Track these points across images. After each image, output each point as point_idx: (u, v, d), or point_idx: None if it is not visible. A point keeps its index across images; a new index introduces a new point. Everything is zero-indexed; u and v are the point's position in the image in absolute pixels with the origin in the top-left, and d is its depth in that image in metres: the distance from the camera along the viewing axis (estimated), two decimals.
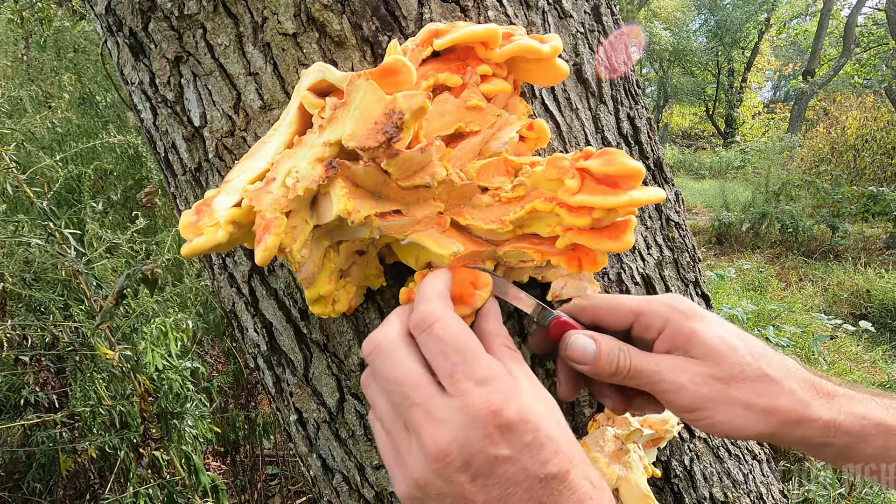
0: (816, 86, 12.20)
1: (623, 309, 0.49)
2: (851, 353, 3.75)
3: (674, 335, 0.47)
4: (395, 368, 0.40)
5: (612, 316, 0.50)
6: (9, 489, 1.59)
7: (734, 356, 0.45)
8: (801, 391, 0.45)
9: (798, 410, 0.44)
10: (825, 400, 0.45)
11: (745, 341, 0.47)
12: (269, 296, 0.62)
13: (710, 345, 0.45)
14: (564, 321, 0.50)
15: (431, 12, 0.55)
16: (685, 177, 13.12)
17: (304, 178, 0.42)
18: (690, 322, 0.47)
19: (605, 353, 0.46)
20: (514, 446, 0.36)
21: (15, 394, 1.44)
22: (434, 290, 0.43)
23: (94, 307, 1.30)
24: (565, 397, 0.52)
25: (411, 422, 0.38)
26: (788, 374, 0.46)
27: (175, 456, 1.40)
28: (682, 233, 0.75)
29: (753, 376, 0.45)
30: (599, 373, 0.47)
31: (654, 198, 0.44)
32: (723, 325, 0.48)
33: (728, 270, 4.00)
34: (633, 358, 0.46)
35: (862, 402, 0.46)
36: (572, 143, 0.63)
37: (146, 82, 0.60)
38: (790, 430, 0.44)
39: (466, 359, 0.38)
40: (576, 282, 0.60)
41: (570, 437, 0.39)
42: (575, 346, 0.48)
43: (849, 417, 0.44)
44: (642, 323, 0.49)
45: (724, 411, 0.44)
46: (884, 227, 6.83)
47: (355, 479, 0.67)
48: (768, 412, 0.44)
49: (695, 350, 0.46)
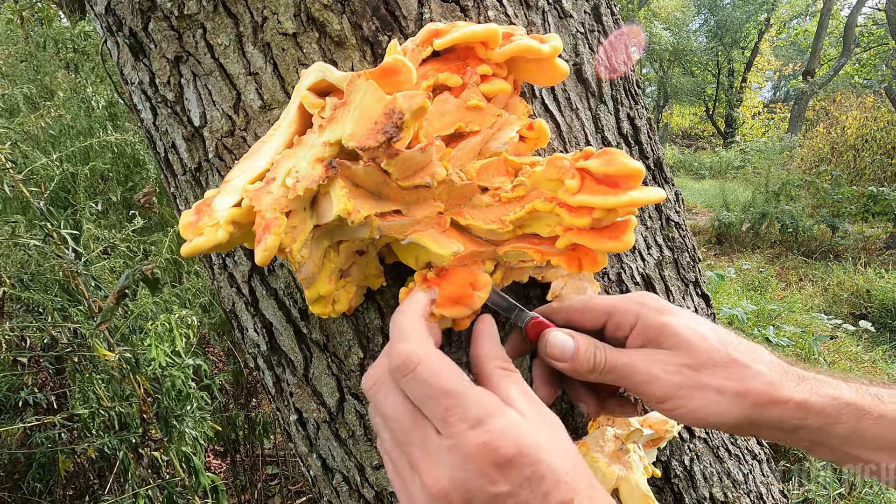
0: (816, 86, 12.20)
1: (595, 309, 0.50)
2: (851, 353, 3.75)
3: (645, 329, 0.48)
4: (393, 405, 0.40)
5: (585, 316, 0.51)
6: (8, 489, 1.59)
7: (704, 344, 0.46)
8: (771, 373, 0.46)
9: (769, 392, 0.45)
10: (796, 382, 0.46)
11: (715, 331, 0.48)
12: (269, 296, 0.62)
13: (680, 335, 0.46)
14: (541, 321, 0.51)
15: (431, 12, 0.55)
16: (685, 177, 13.13)
17: (304, 178, 0.42)
18: (660, 316, 0.48)
19: (583, 349, 0.47)
20: (513, 482, 0.36)
21: (14, 394, 1.44)
22: (410, 323, 0.43)
23: (92, 308, 1.29)
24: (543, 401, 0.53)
25: (411, 460, 0.38)
26: (758, 358, 0.47)
27: (175, 457, 1.40)
28: (682, 233, 0.75)
29: (723, 361, 0.46)
30: (578, 369, 0.47)
31: (654, 198, 0.44)
32: (692, 318, 0.49)
33: (728, 270, 4.00)
34: (608, 353, 0.47)
35: (832, 385, 0.46)
36: (572, 143, 0.63)
37: (146, 82, 0.60)
38: (763, 412, 0.45)
39: (458, 401, 0.37)
40: (576, 282, 0.60)
41: (574, 460, 0.39)
42: (554, 344, 0.48)
43: (820, 398, 0.45)
44: (614, 321, 0.49)
45: (698, 398, 0.45)
46: (884, 227, 6.83)
47: (355, 479, 0.67)
48: (740, 395, 0.45)
49: (666, 341, 0.47)
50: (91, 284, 1.29)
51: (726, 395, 0.45)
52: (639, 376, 0.46)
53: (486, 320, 0.48)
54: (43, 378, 1.69)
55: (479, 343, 0.46)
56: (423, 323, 0.44)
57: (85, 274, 1.27)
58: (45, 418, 1.40)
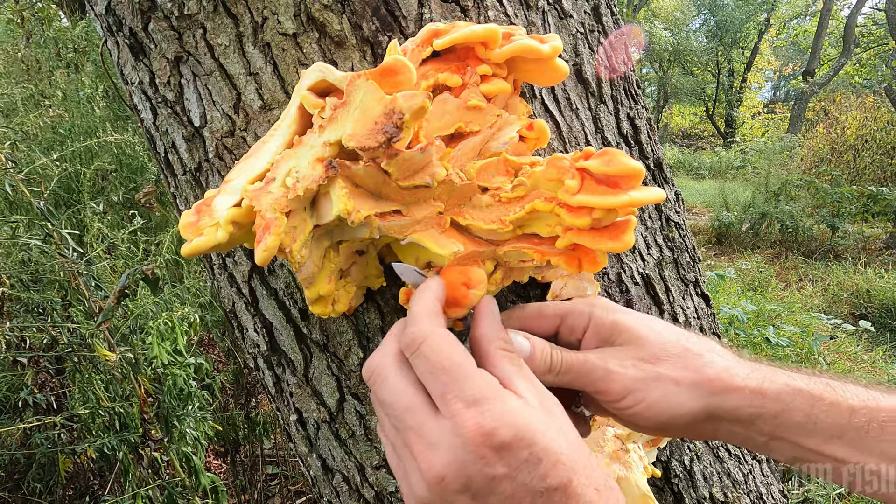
0: (816, 86, 12.20)
1: (547, 313, 0.50)
2: (851, 353, 3.75)
3: (598, 329, 0.48)
4: (390, 392, 0.40)
5: (538, 321, 0.51)
6: (9, 489, 1.59)
7: (656, 337, 0.47)
8: (725, 360, 0.46)
9: (724, 378, 0.45)
10: (749, 369, 0.46)
11: (666, 326, 0.49)
12: (269, 296, 0.62)
13: (632, 330, 0.47)
14: None
15: (431, 12, 0.55)
16: (685, 177, 13.12)
17: (304, 178, 0.42)
18: (611, 314, 0.48)
19: (539, 349, 0.47)
20: (510, 464, 0.36)
21: (14, 394, 1.44)
22: (422, 307, 0.43)
23: (93, 308, 1.29)
24: None
25: (408, 445, 0.38)
26: (711, 348, 0.48)
27: (175, 457, 1.40)
28: (682, 233, 0.75)
29: (676, 352, 0.46)
30: (535, 371, 0.47)
31: (654, 198, 0.44)
32: (644, 315, 0.50)
33: (728, 270, 4.00)
34: (563, 354, 0.47)
35: (783, 373, 0.47)
36: (572, 143, 0.63)
37: (146, 82, 0.60)
38: (721, 400, 0.45)
39: (456, 378, 0.38)
40: (576, 282, 0.60)
41: (572, 440, 0.39)
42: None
43: (773, 385, 0.45)
44: (567, 325, 0.50)
45: (655, 389, 0.45)
46: (884, 227, 6.83)
47: (355, 479, 0.67)
48: (697, 384, 0.45)
49: (619, 338, 0.47)
50: (91, 284, 1.29)
51: (683, 384, 0.45)
52: (596, 373, 0.46)
53: (487, 300, 0.48)
54: (43, 378, 1.69)
55: (480, 323, 0.46)
56: (437, 306, 0.44)
57: (86, 274, 1.27)
58: (46, 419, 1.40)
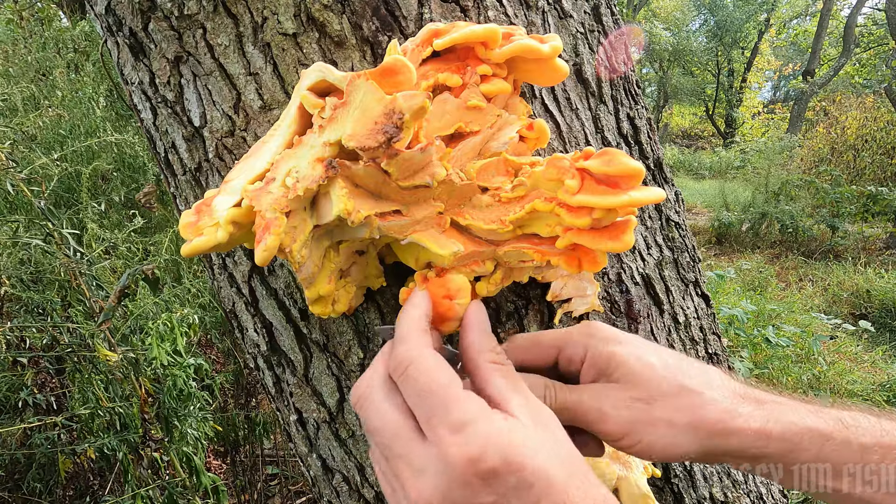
0: (816, 86, 12.20)
1: (544, 344, 0.49)
2: (851, 353, 3.75)
3: (594, 361, 0.46)
4: (377, 417, 0.39)
5: (534, 354, 0.49)
6: (9, 489, 1.59)
7: (651, 373, 0.44)
8: (726, 400, 0.44)
9: (724, 420, 0.42)
10: (754, 407, 0.44)
11: (662, 357, 0.46)
12: (269, 296, 0.62)
13: (627, 366, 0.45)
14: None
15: (431, 12, 0.55)
16: (685, 177, 13.12)
17: (303, 178, 0.42)
18: (608, 346, 0.46)
19: (533, 390, 0.44)
20: (497, 491, 0.34)
21: (14, 394, 1.44)
22: (408, 326, 0.42)
23: (93, 308, 1.29)
24: None
25: (397, 473, 0.37)
26: (710, 384, 0.45)
27: (175, 457, 1.40)
28: (682, 233, 0.75)
29: (671, 392, 0.43)
30: None
31: (654, 198, 0.44)
32: (642, 345, 0.47)
33: (728, 270, 4.00)
34: (558, 393, 0.45)
35: (793, 409, 0.44)
36: (572, 143, 0.63)
37: (146, 82, 0.60)
38: (720, 442, 0.43)
39: (441, 402, 0.36)
40: (576, 282, 0.60)
41: (566, 457, 0.37)
42: None
43: (779, 425, 0.43)
44: (565, 356, 0.48)
45: (651, 432, 0.43)
46: (884, 227, 6.83)
47: (355, 479, 0.67)
48: (694, 426, 0.42)
49: (615, 373, 0.45)
50: (92, 284, 1.29)
51: (678, 427, 0.43)
52: (590, 414, 0.44)
53: (474, 309, 0.46)
54: (43, 378, 1.69)
55: (467, 334, 0.44)
56: (423, 323, 0.43)
57: (86, 274, 1.27)
58: (46, 419, 1.40)
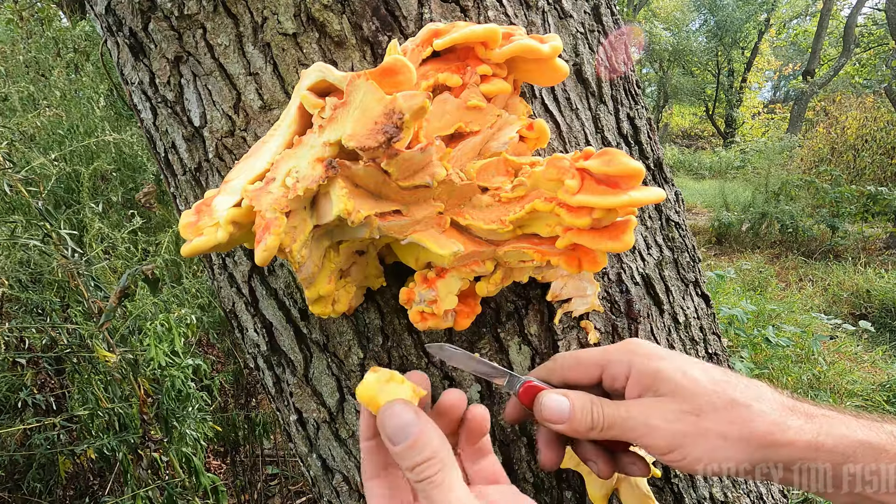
0: (816, 86, 12.20)
1: (588, 363, 0.49)
2: (851, 353, 3.75)
3: (640, 377, 0.46)
4: None
5: (579, 372, 0.49)
6: (9, 489, 1.59)
7: (697, 387, 0.44)
8: (775, 413, 0.43)
9: (774, 433, 0.42)
10: (804, 420, 0.43)
11: (705, 370, 0.46)
12: (269, 296, 0.62)
13: (673, 380, 0.45)
14: (533, 384, 0.49)
15: (431, 12, 0.55)
16: (685, 177, 13.12)
17: (303, 178, 0.42)
18: (652, 362, 0.46)
19: (579, 408, 0.45)
20: None
21: (14, 394, 1.44)
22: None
23: (92, 308, 1.29)
24: (549, 466, 0.51)
25: None
26: (759, 397, 0.45)
27: (175, 458, 1.40)
28: (682, 233, 0.75)
29: (722, 404, 0.43)
30: (577, 429, 0.46)
31: (654, 198, 0.44)
32: (684, 360, 0.47)
33: (728, 270, 4.00)
34: (605, 408, 0.45)
35: (844, 423, 0.44)
36: (572, 143, 0.63)
37: (146, 82, 0.60)
38: (770, 454, 0.43)
39: None
40: (576, 282, 0.60)
41: None
42: (548, 406, 0.46)
43: (830, 438, 0.42)
44: (609, 374, 0.48)
45: (702, 444, 0.43)
46: (884, 227, 6.83)
47: (355, 479, 0.67)
48: (745, 439, 0.42)
49: (662, 388, 0.45)
50: (91, 285, 1.29)
51: (730, 439, 0.42)
52: (640, 429, 0.44)
53: (387, 411, 0.42)
54: (42, 379, 1.69)
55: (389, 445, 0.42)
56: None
57: (85, 274, 1.27)
58: (45, 420, 1.40)
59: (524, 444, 0.64)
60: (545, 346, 0.62)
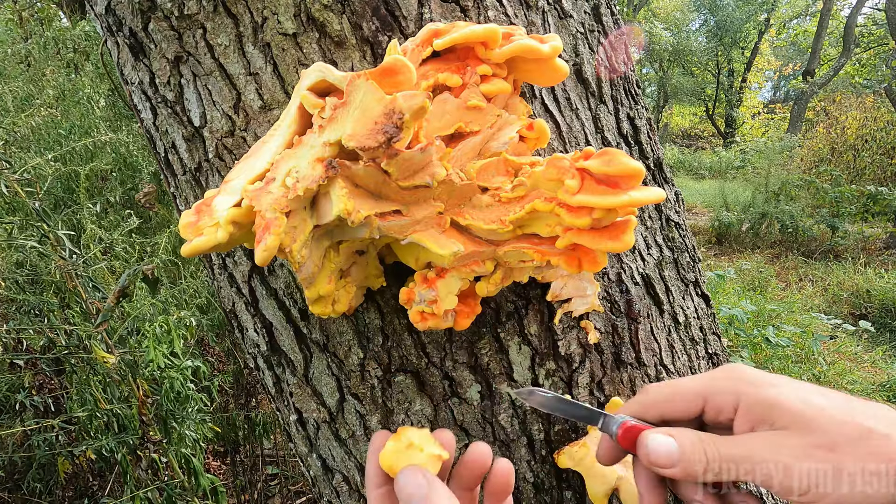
0: (816, 86, 12.21)
1: (687, 395, 0.44)
2: (851, 353, 3.75)
3: (751, 409, 0.41)
4: None
5: (677, 406, 0.45)
6: (9, 489, 1.59)
7: (824, 416, 0.39)
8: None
9: None
10: None
11: (827, 397, 0.41)
12: (269, 296, 0.62)
13: (793, 410, 0.40)
14: (632, 426, 0.45)
15: (431, 12, 0.55)
16: (685, 177, 13.13)
17: (304, 178, 0.42)
18: (764, 390, 0.41)
19: (690, 448, 0.41)
20: None
21: (13, 395, 1.44)
22: None
23: (90, 309, 1.29)
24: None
25: None
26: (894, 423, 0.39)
27: (174, 458, 1.40)
28: (682, 233, 0.75)
29: (858, 435, 0.38)
30: (689, 472, 0.41)
31: (655, 198, 0.44)
32: (799, 386, 0.43)
33: (728, 270, 4.00)
34: (720, 447, 0.40)
35: None
36: (572, 143, 0.63)
37: (146, 82, 0.60)
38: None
39: None
40: (576, 282, 0.60)
41: None
42: (655, 450, 0.42)
43: None
44: (713, 405, 0.43)
45: (843, 484, 0.37)
46: (884, 227, 6.83)
47: (355, 479, 0.67)
48: (892, 474, 0.37)
49: (780, 420, 0.40)
50: (89, 286, 1.29)
51: (879, 475, 0.37)
52: (765, 466, 0.39)
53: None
54: (41, 380, 1.69)
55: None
56: None
57: (83, 275, 1.27)
58: (44, 421, 1.40)
59: (524, 445, 0.64)
60: (545, 346, 0.62)
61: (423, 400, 0.62)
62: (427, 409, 0.62)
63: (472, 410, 0.62)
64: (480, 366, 0.61)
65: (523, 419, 0.63)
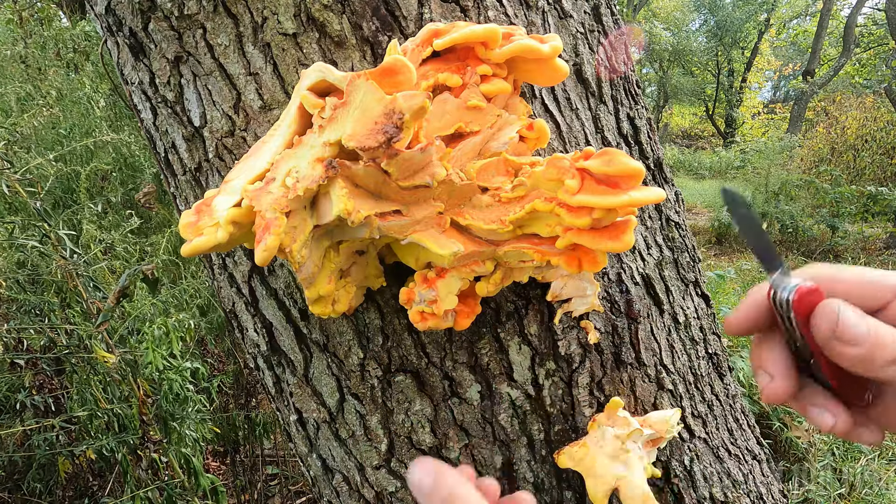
0: (816, 86, 12.21)
1: (878, 283, 0.37)
2: None
3: None
4: None
5: (862, 291, 0.37)
6: (9, 489, 1.59)
7: None
8: None
9: None
10: None
11: None
12: (269, 296, 0.62)
13: None
14: (814, 289, 0.37)
15: (431, 12, 0.55)
16: (685, 177, 13.12)
17: (304, 178, 0.42)
18: None
19: (882, 327, 0.34)
20: None
21: (13, 394, 1.44)
22: None
23: (90, 309, 1.29)
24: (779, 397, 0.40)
25: None
26: None
27: (174, 458, 1.40)
28: (682, 233, 0.75)
29: None
30: (873, 356, 0.34)
31: (654, 198, 0.44)
32: None
33: (728, 270, 3.99)
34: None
35: None
36: (572, 143, 0.63)
37: (146, 82, 0.60)
38: None
39: None
40: (576, 282, 0.60)
41: None
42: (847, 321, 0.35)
43: None
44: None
45: None
46: (884, 227, 6.83)
47: (355, 479, 0.67)
48: None
49: None
50: (89, 286, 1.29)
51: None
52: None
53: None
54: (41, 380, 1.69)
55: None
56: None
57: (84, 275, 1.27)
58: (44, 421, 1.40)
59: (524, 445, 0.64)
60: (545, 346, 0.62)
61: (423, 400, 0.62)
62: (427, 408, 0.62)
63: (472, 410, 0.62)
64: (480, 366, 0.61)
65: (523, 419, 0.63)
